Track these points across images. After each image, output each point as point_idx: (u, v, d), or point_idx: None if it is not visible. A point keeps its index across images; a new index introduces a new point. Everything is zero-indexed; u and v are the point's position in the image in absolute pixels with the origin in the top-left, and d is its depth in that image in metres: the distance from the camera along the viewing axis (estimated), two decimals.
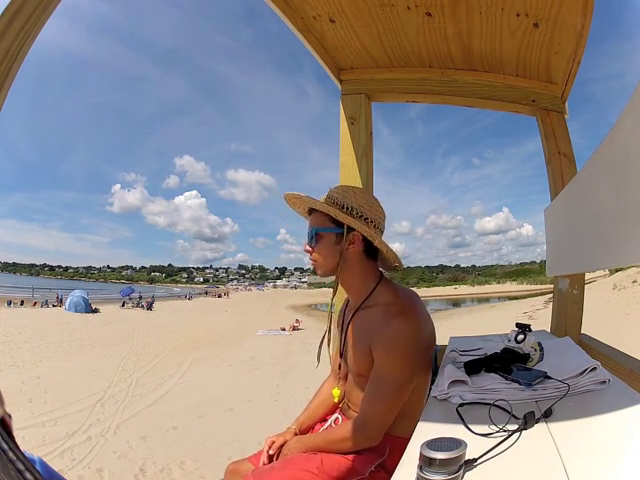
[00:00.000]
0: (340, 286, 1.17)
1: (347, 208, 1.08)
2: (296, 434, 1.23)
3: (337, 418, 1.23)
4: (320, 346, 1.24)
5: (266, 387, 6.09)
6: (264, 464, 1.16)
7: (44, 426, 4.27)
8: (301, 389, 5.73)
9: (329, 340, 1.23)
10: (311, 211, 1.15)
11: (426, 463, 0.55)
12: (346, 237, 1.07)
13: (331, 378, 1.33)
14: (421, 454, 0.55)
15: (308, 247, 1.13)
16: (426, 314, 1.12)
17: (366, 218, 1.09)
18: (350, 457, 1.07)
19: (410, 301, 1.10)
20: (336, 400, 1.26)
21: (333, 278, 1.15)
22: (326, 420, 1.26)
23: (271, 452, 1.17)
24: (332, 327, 1.25)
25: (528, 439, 0.65)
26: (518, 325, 1.08)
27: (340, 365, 1.25)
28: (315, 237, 1.11)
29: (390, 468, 1.01)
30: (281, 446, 1.18)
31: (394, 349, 1.00)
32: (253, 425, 4.16)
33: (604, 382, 0.82)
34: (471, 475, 0.56)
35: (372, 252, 1.12)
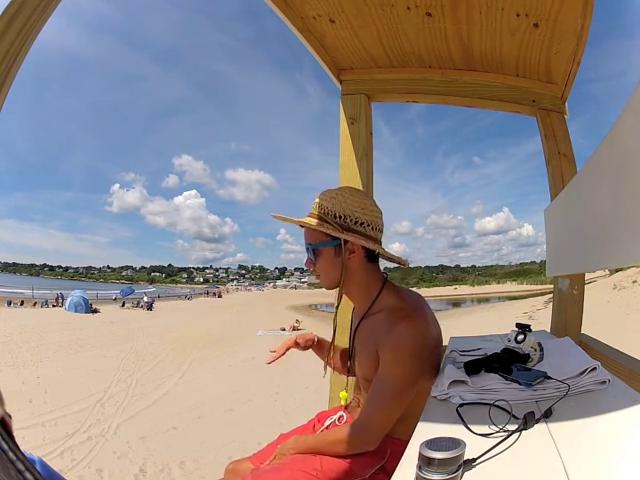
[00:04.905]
0: (345, 295, 1.15)
1: (340, 217, 1.04)
2: (313, 342, 1.31)
3: (341, 416, 1.23)
4: (327, 356, 1.26)
5: (266, 387, 6.08)
6: (273, 355, 1.25)
7: (44, 426, 4.27)
8: (301, 389, 5.73)
9: (333, 347, 1.27)
10: (303, 224, 1.10)
11: (425, 463, 0.54)
12: (345, 248, 1.04)
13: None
14: (420, 454, 0.55)
15: (309, 263, 1.10)
16: (432, 316, 1.09)
17: (362, 222, 1.05)
18: (350, 460, 1.05)
19: (416, 304, 1.08)
20: (343, 403, 1.26)
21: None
22: (330, 416, 1.25)
23: (300, 341, 1.29)
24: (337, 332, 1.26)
25: (528, 439, 0.65)
26: (518, 325, 1.08)
27: (349, 370, 1.25)
28: (314, 253, 1.07)
29: (390, 471, 1.01)
30: (297, 344, 1.29)
31: (399, 353, 0.98)
32: (253, 425, 4.15)
33: (604, 382, 0.82)
34: (470, 475, 0.56)
35: (374, 256, 1.09)
